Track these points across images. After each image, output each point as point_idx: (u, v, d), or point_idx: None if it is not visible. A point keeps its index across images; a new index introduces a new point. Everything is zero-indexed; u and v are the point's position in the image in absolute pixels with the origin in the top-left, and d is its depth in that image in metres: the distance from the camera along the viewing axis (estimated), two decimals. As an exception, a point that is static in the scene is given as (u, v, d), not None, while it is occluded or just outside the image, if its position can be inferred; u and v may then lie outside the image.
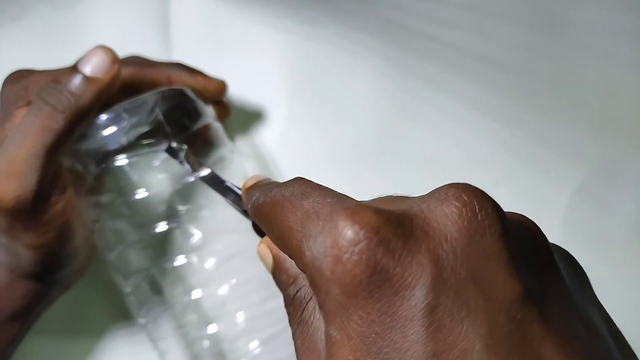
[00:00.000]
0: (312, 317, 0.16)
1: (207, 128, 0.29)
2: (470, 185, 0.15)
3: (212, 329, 0.28)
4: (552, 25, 0.36)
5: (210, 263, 0.28)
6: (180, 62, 0.30)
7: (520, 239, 0.16)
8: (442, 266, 0.14)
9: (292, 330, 0.17)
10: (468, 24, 0.36)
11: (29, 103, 0.26)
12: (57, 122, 0.24)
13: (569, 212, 0.35)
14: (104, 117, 0.27)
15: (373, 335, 0.14)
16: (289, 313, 0.18)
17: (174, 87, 0.29)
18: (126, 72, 0.27)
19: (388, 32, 0.36)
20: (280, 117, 0.36)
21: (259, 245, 0.20)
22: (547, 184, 0.35)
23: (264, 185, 0.20)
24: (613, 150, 0.35)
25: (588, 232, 0.35)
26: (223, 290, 0.28)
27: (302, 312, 0.17)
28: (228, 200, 0.25)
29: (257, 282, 0.18)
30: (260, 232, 0.23)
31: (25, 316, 0.28)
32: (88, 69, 0.24)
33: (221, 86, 0.31)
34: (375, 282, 0.14)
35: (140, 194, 0.27)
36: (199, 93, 0.29)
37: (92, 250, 0.30)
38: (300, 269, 0.17)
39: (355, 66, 0.36)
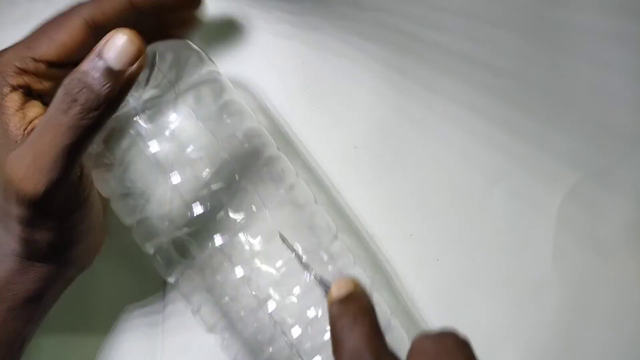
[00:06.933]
0: None
1: (209, 75, 0.29)
2: None
3: (239, 274, 0.28)
4: (547, 31, 0.37)
5: (234, 216, 0.28)
6: None
7: None
8: None
9: None
10: (465, 29, 0.37)
11: (14, 88, 0.25)
12: (86, 120, 0.23)
13: (562, 214, 0.35)
14: None
15: None
16: None
17: (172, 40, 0.28)
18: (87, 14, 0.26)
19: (387, 38, 0.37)
20: (280, 120, 0.37)
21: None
22: (540, 186, 0.35)
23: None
24: (606, 153, 0.36)
25: (581, 233, 0.35)
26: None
27: None
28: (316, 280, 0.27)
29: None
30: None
31: (40, 298, 0.27)
32: (112, 58, 0.23)
33: None
34: None
35: (150, 158, 0.27)
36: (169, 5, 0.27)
37: (106, 226, 0.29)
38: None
39: (355, 71, 0.37)
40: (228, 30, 0.37)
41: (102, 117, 0.23)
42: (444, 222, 0.35)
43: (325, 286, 0.26)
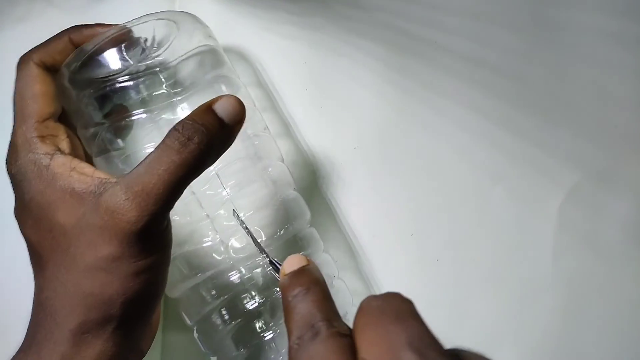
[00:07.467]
0: None
1: (205, 47, 0.30)
2: None
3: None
4: (548, 31, 0.37)
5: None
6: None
7: None
8: None
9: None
10: (466, 29, 0.37)
11: (50, 153, 0.26)
12: (196, 158, 0.24)
13: (563, 214, 0.35)
14: (110, 50, 0.28)
15: None
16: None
17: (171, 10, 0.30)
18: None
19: (388, 38, 0.37)
20: (281, 120, 0.37)
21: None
22: (541, 186, 0.36)
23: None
24: (607, 154, 0.36)
25: (581, 234, 0.35)
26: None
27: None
28: (266, 259, 0.28)
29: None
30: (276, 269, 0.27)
31: None
32: (224, 113, 0.25)
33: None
34: None
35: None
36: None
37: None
38: None
39: (356, 70, 0.37)
40: (231, 31, 0.37)
41: (209, 160, 0.25)
42: (444, 222, 0.35)
43: (276, 267, 0.26)
